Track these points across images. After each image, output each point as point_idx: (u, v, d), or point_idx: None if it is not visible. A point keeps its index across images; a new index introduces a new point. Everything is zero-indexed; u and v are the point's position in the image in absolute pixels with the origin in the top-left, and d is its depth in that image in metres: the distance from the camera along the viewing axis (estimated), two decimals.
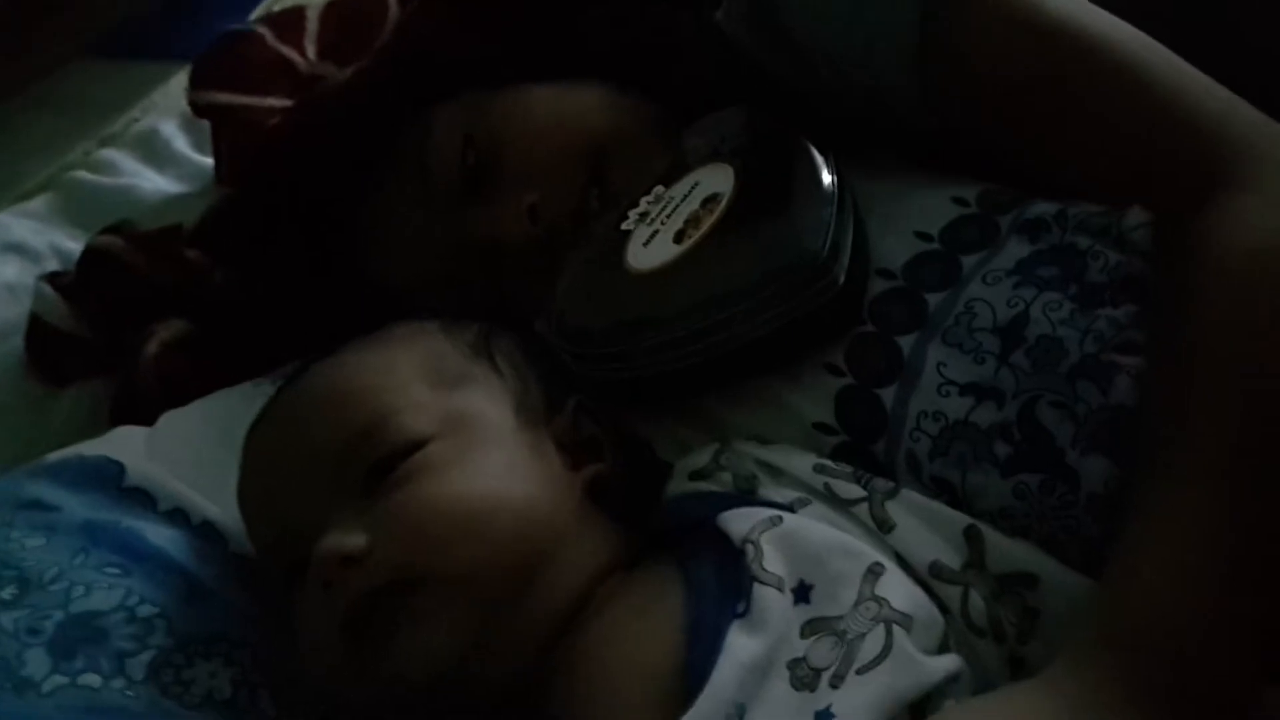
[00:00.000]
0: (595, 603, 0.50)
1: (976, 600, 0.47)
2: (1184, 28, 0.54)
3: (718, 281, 0.52)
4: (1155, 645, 0.43)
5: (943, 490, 0.51)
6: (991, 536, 0.49)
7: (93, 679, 0.48)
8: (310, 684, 0.51)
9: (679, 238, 0.55)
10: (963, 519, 0.49)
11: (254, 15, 1.09)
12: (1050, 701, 0.42)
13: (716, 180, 0.56)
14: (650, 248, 0.55)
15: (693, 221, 0.55)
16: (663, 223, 0.56)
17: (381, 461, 0.51)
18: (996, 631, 0.47)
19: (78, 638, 0.49)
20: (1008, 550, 0.48)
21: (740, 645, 0.45)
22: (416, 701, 0.49)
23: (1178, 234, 0.51)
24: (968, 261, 0.54)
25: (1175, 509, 0.45)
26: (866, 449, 0.52)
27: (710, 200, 0.55)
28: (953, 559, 0.48)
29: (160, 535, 0.55)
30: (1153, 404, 0.49)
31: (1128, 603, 0.44)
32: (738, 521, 0.49)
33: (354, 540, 0.49)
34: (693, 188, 0.57)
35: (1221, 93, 0.52)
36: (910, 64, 0.55)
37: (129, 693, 0.48)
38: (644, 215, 0.57)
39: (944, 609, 0.48)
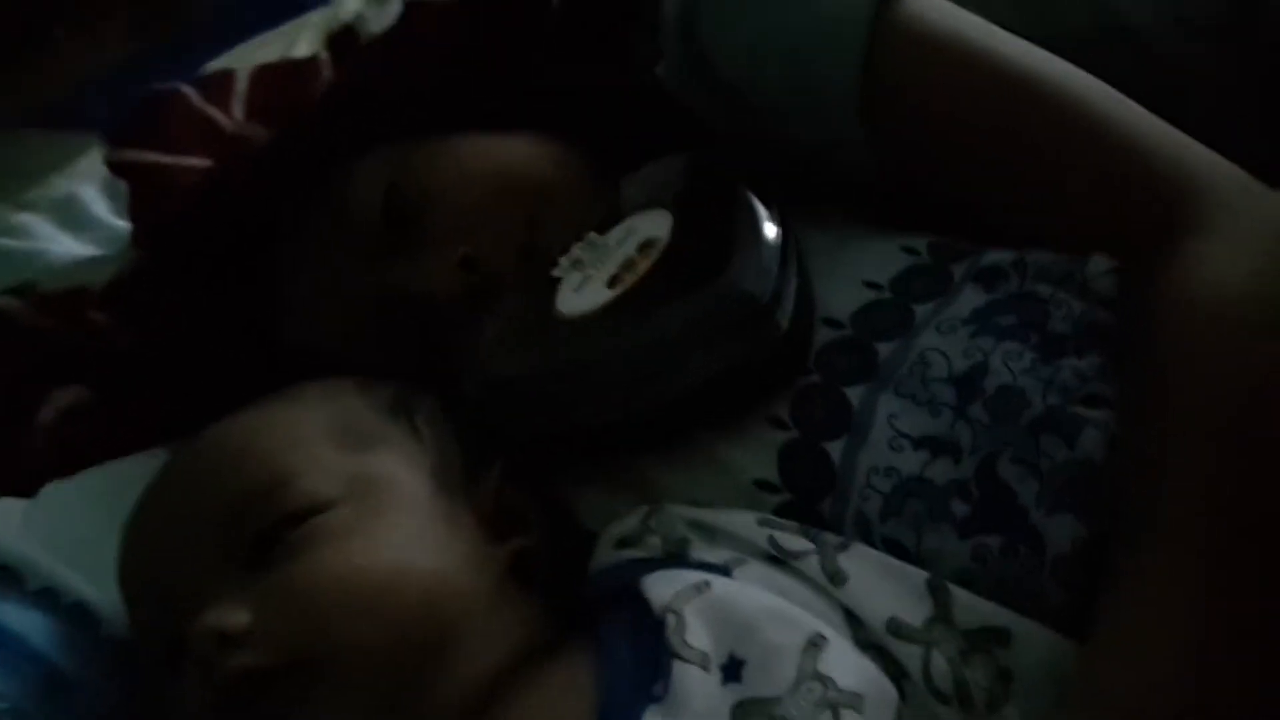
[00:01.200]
0: (503, 694, 0.45)
1: (940, 662, 0.43)
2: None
3: (653, 326, 0.49)
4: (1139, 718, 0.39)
5: (895, 554, 0.47)
6: (957, 590, 0.45)
7: None
8: None
9: (612, 283, 0.51)
10: (922, 573, 0.45)
11: None
12: None
13: (653, 225, 0.53)
14: (582, 294, 0.52)
15: (628, 267, 0.52)
16: (596, 269, 0.53)
17: (275, 526, 0.46)
18: (962, 697, 0.43)
19: None
20: (976, 604, 0.44)
21: None
22: None
23: (1140, 282, 0.48)
24: (920, 310, 0.51)
25: (1153, 577, 0.42)
26: (812, 508, 0.48)
27: (646, 245, 0.52)
28: (914, 615, 0.44)
29: (22, 620, 0.50)
30: (1125, 465, 0.46)
31: (1109, 675, 0.41)
32: (660, 586, 0.45)
33: (235, 617, 0.44)
34: (628, 234, 0.54)
35: (1176, 135, 0.51)
36: (853, 116, 0.53)
37: None
38: (576, 262, 0.54)
39: (902, 673, 0.43)
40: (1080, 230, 0.51)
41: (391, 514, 0.47)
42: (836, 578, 0.45)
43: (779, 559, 0.46)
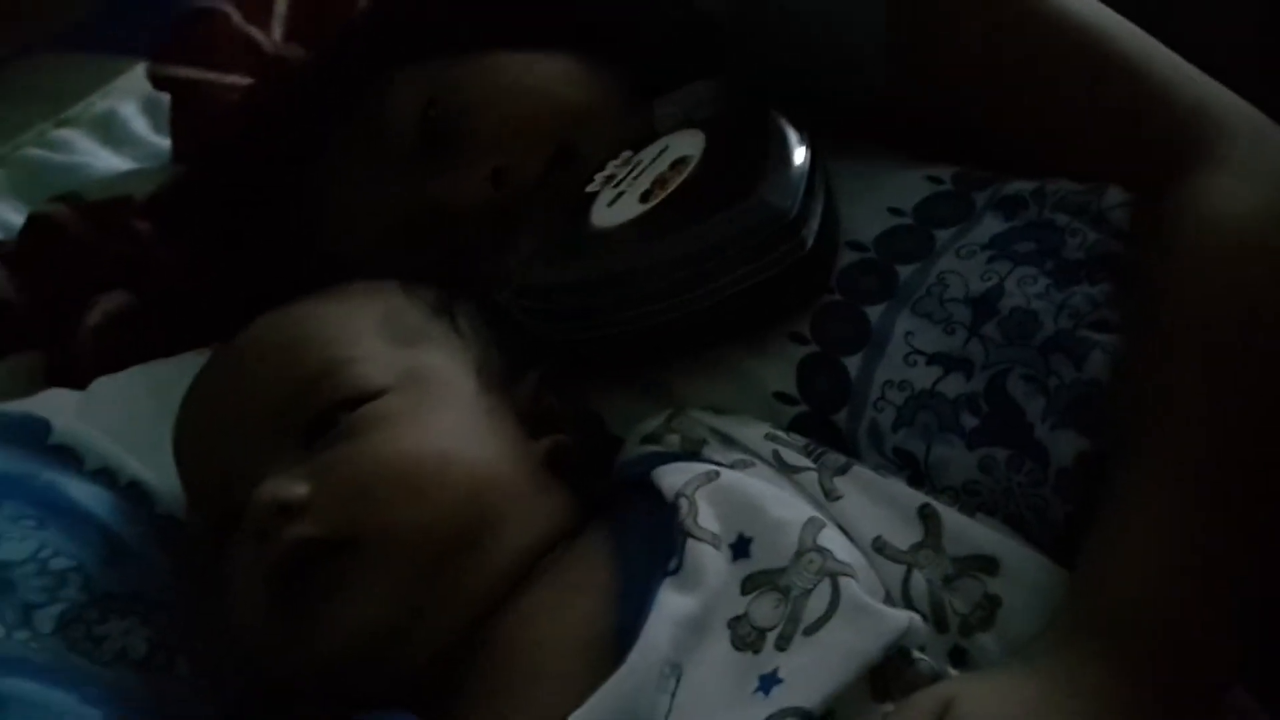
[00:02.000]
0: (534, 573, 0.49)
1: (919, 581, 0.45)
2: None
3: (683, 240, 0.51)
4: (1136, 628, 0.42)
5: (905, 463, 0.50)
6: (949, 516, 0.47)
7: None
8: (232, 649, 0.49)
9: (645, 197, 0.54)
10: (918, 497, 0.47)
11: None
12: (1033, 681, 0.41)
13: (686, 144, 0.56)
14: (615, 207, 0.54)
15: (660, 182, 0.54)
16: (629, 184, 0.55)
17: (330, 410, 0.49)
18: (938, 618, 0.45)
19: None
20: (967, 531, 0.47)
21: (672, 602, 0.43)
22: (336, 672, 0.47)
23: (1153, 212, 0.50)
24: (941, 235, 0.54)
25: (1154, 491, 0.44)
26: (827, 419, 0.51)
27: (679, 163, 0.55)
28: (901, 538, 0.46)
29: (83, 491, 0.53)
30: (1127, 384, 0.48)
31: (1107, 586, 0.43)
32: (671, 476, 0.48)
33: (295, 489, 0.47)
34: (661, 151, 0.56)
35: (1192, 71, 0.53)
36: (880, 35, 0.55)
37: (33, 644, 0.46)
38: (610, 178, 0.56)
39: (885, 592, 0.45)
40: (1098, 161, 0.53)
41: (439, 405, 0.50)
42: (831, 495, 0.47)
43: (781, 470, 0.49)
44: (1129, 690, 0.40)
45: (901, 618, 0.42)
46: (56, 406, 0.60)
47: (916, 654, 0.42)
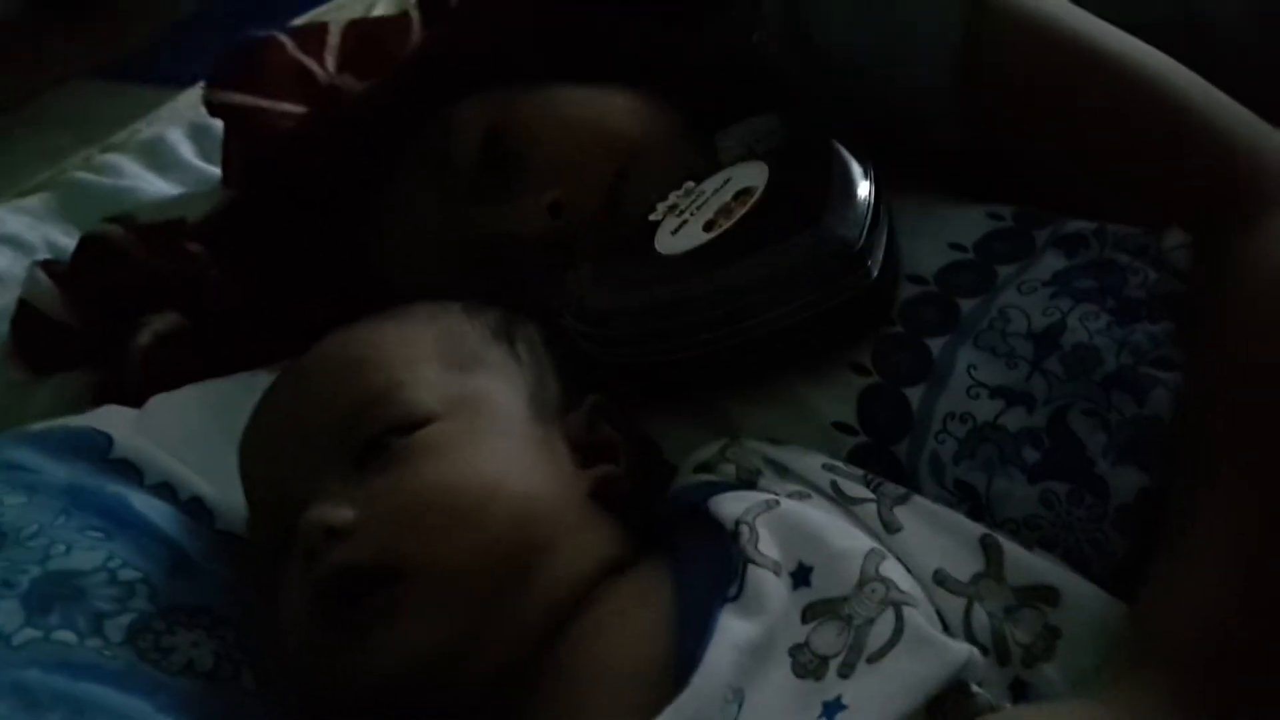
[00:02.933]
0: (586, 604, 0.49)
1: (981, 615, 0.46)
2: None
3: (748, 267, 0.53)
4: (1197, 661, 0.42)
5: (966, 496, 0.51)
6: (1010, 547, 0.48)
7: (68, 635, 0.47)
8: (289, 665, 0.50)
9: (709, 226, 0.55)
10: (978, 528, 0.48)
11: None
12: (1091, 710, 0.41)
13: (749, 176, 0.57)
14: (679, 236, 0.56)
15: (724, 212, 0.56)
16: (693, 214, 0.57)
17: (383, 434, 0.50)
18: (1000, 651, 0.45)
19: (54, 594, 0.48)
20: (1028, 561, 0.47)
21: (734, 627, 0.44)
22: (386, 694, 0.48)
23: (1215, 256, 0.51)
24: (1003, 271, 0.55)
25: (1218, 525, 0.45)
26: (887, 450, 0.52)
27: (743, 193, 0.56)
28: (962, 570, 0.47)
29: (147, 505, 0.55)
30: (1189, 421, 0.49)
31: (1169, 618, 0.44)
32: (730, 504, 0.49)
33: (341, 514, 0.48)
34: (725, 182, 0.58)
35: (1250, 116, 0.54)
36: (949, 83, 0.57)
37: (106, 653, 0.47)
38: (673, 207, 0.58)
39: (943, 625, 0.46)
40: (1157, 204, 0.54)
41: (489, 434, 0.51)
42: (890, 527, 0.48)
43: (839, 501, 0.50)
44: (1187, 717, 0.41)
45: (963, 650, 0.43)
46: (115, 422, 0.61)
47: (974, 687, 0.43)
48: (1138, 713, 0.41)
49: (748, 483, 0.51)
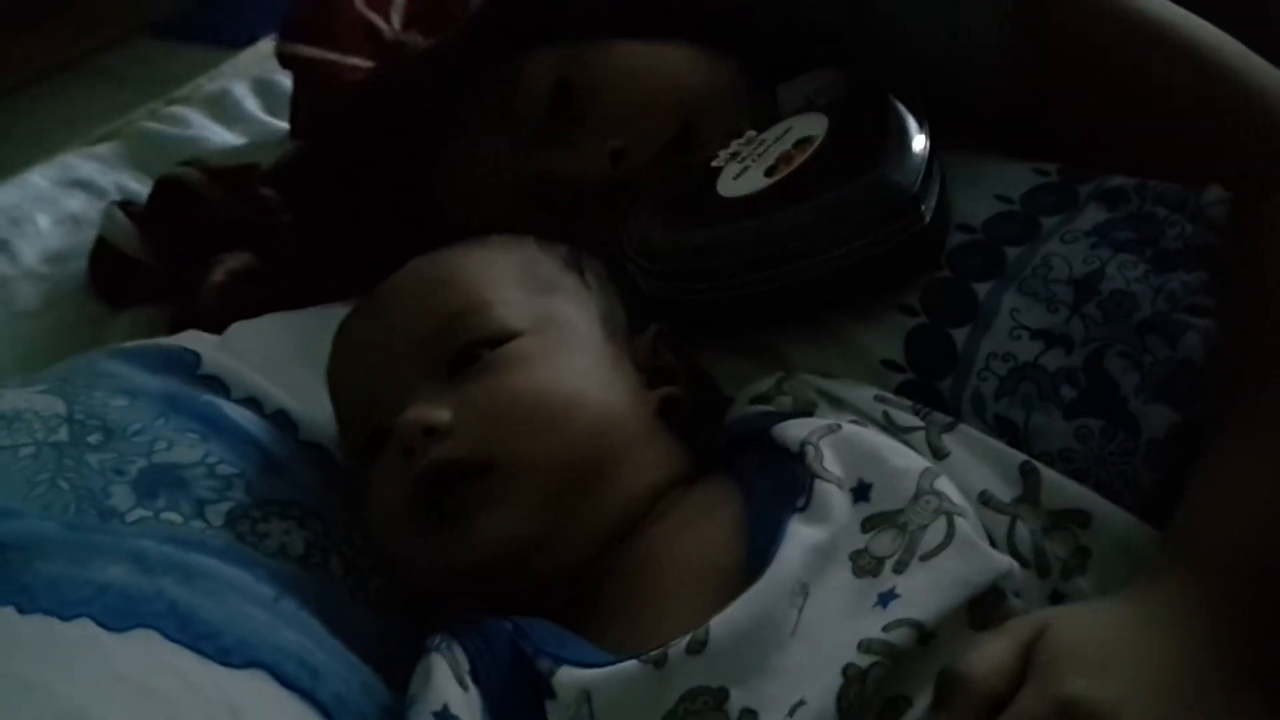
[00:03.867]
0: (656, 510, 0.54)
1: (1023, 531, 0.50)
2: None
3: (807, 210, 0.57)
4: (1234, 565, 0.46)
5: (1005, 430, 0.55)
6: (1047, 474, 0.52)
7: (174, 516, 0.52)
8: (376, 557, 0.54)
9: (770, 172, 0.59)
10: (1019, 455, 0.52)
11: None
12: (1127, 608, 0.45)
13: (809, 126, 0.61)
14: (740, 180, 0.60)
15: (784, 159, 0.60)
16: (754, 160, 0.61)
17: (471, 346, 0.55)
18: (1040, 564, 0.50)
19: (160, 481, 0.53)
20: (1063, 487, 0.51)
21: (802, 532, 0.48)
22: (472, 583, 0.52)
23: (1255, 212, 0.55)
24: (1047, 222, 0.59)
25: (1257, 440, 0.49)
26: (932, 387, 0.56)
27: (803, 142, 0.60)
28: (1004, 492, 0.51)
29: (236, 412, 0.59)
30: (1227, 359, 0.53)
31: (1203, 528, 0.47)
32: (794, 429, 0.53)
33: (439, 414, 0.53)
34: (785, 131, 0.62)
35: None
36: (1003, 46, 0.61)
37: (208, 533, 0.52)
38: (735, 154, 0.62)
39: (990, 541, 0.50)
40: (1198, 163, 0.58)
41: (570, 349, 0.56)
42: (939, 453, 0.52)
43: (890, 430, 0.54)
44: (1220, 621, 0.44)
45: (1005, 560, 0.47)
46: (201, 343, 0.66)
47: (1011, 596, 0.47)
48: (1169, 609, 0.44)
49: (804, 413, 0.56)
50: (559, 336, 0.56)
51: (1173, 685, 0.42)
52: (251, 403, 0.61)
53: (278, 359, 0.65)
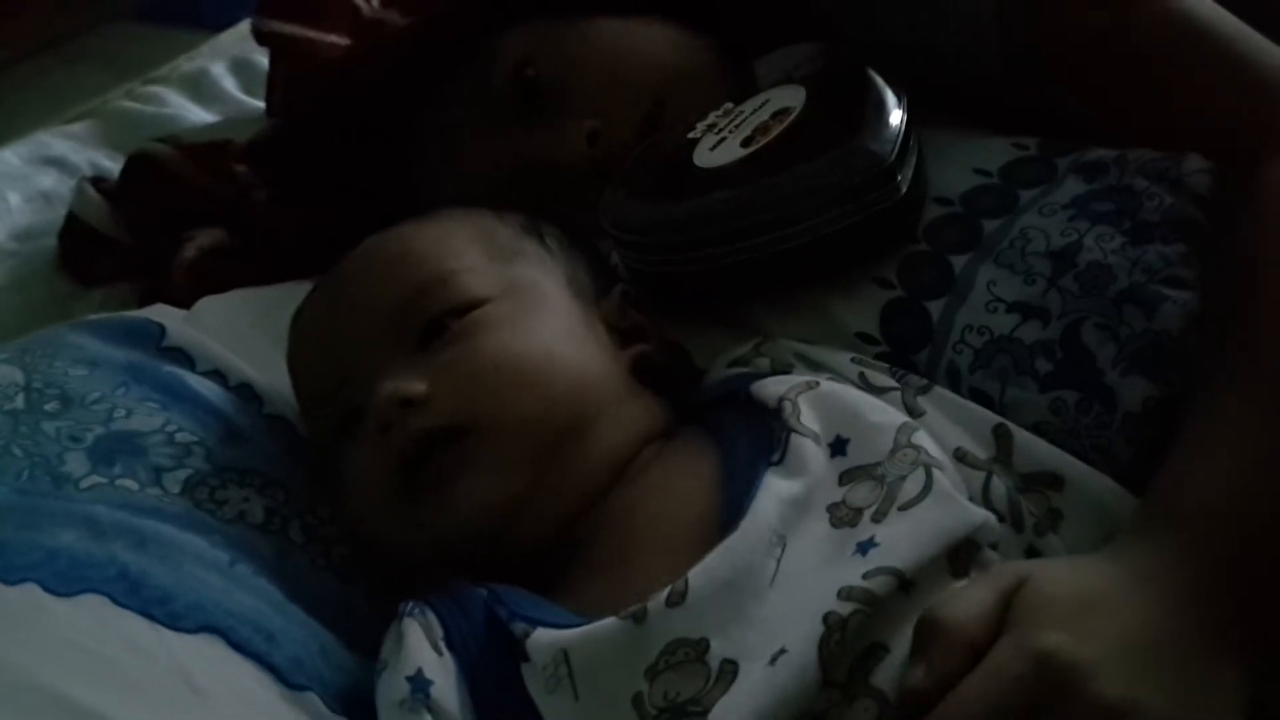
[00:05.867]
0: (633, 468, 0.54)
1: (998, 485, 0.50)
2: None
3: (783, 180, 0.56)
4: (1213, 524, 0.46)
5: (980, 403, 0.54)
6: (1020, 436, 0.52)
7: (130, 483, 0.51)
8: (354, 536, 0.54)
9: (747, 143, 0.59)
10: (993, 418, 0.52)
11: None
12: (1107, 563, 0.45)
13: (787, 97, 0.61)
14: (717, 151, 0.60)
15: (761, 130, 0.59)
16: (731, 131, 0.60)
17: (440, 317, 0.55)
18: (1015, 518, 0.50)
19: (117, 449, 0.53)
20: (1035, 449, 0.51)
21: (777, 485, 0.48)
22: (456, 550, 0.52)
23: (1235, 182, 0.55)
24: (1024, 195, 0.58)
25: (1238, 404, 0.48)
26: (907, 359, 0.56)
27: (780, 113, 0.60)
28: (978, 451, 0.51)
29: (200, 384, 0.59)
30: (1206, 333, 0.52)
31: (1183, 487, 0.47)
32: (772, 386, 0.53)
33: (414, 386, 0.53)
34: (763, 103, 0.61)
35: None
36: (989, 16, 0.60)
37: (164, 500, 0.51)
38: (712, 126, 0.62)
39: (967, 495, 0.49)
40: (1186, 135, 0.58)
41: (539, 312, 0.56)
42: (914, 412, 0.52)
43: (867, 391, 0.54)
44: (1199, 579, 0.44)
45: (981, 512, 0.47)
46: (167, 315, 0.65)
47: (987, 549, 0.47)
48: (1148, 567, 0.44)
49: (782, 373, 0.56)
50: (528, 300, 0.56)
51: (1150, 642, 0.42)
52: (216, 375, 0.60)
53: (244, 333, 0.65)
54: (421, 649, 0.48)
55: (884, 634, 0.44)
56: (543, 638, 0.47)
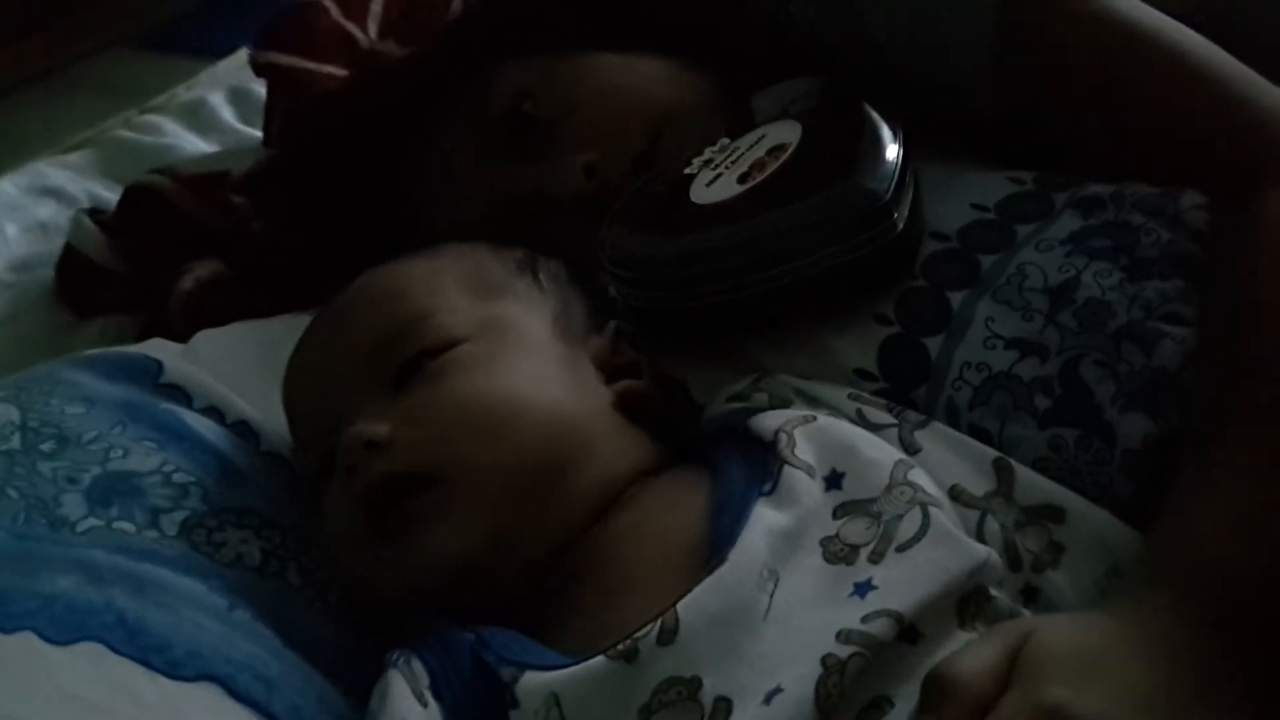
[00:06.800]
0: (620, 501, 0.54)
1: (993, 525, 0.50)
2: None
3: (780, 217, 0.56)
4: (1209, 585, 0.45)
5: (979, 440, 0.54)
6: (1021, 470, 0.52)
7: (127, 526, 0.51)
8: (337, 572, 0.54)
9: (743, 179, 0.59)
10: (991, 452, 0.52)
11: None
12: (1116, 622, 0.45)
13: (783, 133, 0.61)
14: (713, 187, 0.60)
15: (758, 166, 0.59)
16: (727, 167, 0.60)
17: (416, 357, 0.55)
18: (1012, 558, 0.50)
19: (114, 490, 0.53)
20: (1036, 483, 0.51)
21: (767, 516, 0.48)
22: (432, 592, 0.52)
23: (1232, 218, 0.55)
24: (1022, 230, 0.58)
25: (1234, 457, 0.48)
26: (905, 397, 0.56)
27: (776, 149, 0.60)
28: (977, 486, 0.51)
29: (197, 422, 0.59)
30: (1204, 368, 0.53)
31: (1183, 545, 0.47)
32: (769, 419, 0.53)
33: (377, 428, 0.52)
34: (759, 139, 0.62)
35: (1268, 85, 0.58)
36: (986, 53, 0.61)
37: (162, 542, 0.51)
38: (708, 161, 0.62)
39: None
40: (1181, 170, 0.58)
41: (515, 352, 0.56)
42: (911, 448, 0.52)
43: (864, 427, 0.53)
44: (1198, 640, 0.43)
45: (982, 550, 0.47)
46: (164, 351, 0.66)
47: (994, 591, 0.47)
48: (1148, 627, 0.44)
49: (780, 408, 0.55)
50: (503, 340, 0.56)
51: (1155, 700, 0.42)
52: (213, 412, 0.60)
53: (242, 368, 0.65)
54: (406, 702, 0.47)
55: (888, 687, 0.44)
56: (531, 681, 0.46)
